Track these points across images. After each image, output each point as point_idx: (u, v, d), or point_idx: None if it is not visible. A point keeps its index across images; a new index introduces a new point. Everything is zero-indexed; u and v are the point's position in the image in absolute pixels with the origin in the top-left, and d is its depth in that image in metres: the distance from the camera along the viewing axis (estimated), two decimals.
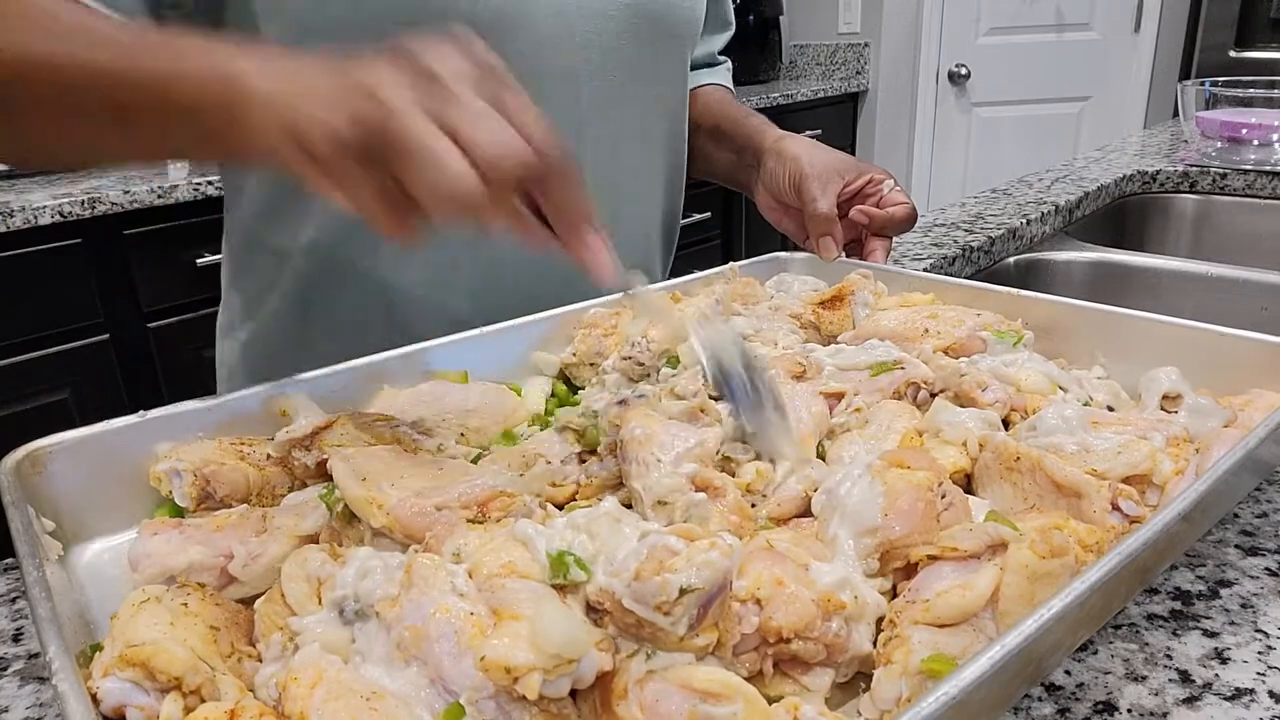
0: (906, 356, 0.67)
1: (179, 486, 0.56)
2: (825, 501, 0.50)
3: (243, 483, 0.58)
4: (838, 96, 3.40)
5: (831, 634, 0.42)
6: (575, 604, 0.41)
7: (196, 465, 0.57)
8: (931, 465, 0.50)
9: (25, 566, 0.45)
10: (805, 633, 0.42)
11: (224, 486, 0.57)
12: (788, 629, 0.41)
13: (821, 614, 0.42)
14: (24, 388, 1.76)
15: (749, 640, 0.42)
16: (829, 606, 0.43)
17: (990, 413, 0.61)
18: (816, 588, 0.43)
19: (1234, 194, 1.56)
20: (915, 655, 0.41)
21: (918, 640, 0.42)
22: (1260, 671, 0.47)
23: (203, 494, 0.57)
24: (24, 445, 0.56)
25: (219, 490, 0.57)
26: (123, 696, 0.39)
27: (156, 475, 0.58)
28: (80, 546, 0.57)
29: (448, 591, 0.41)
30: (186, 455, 0.58)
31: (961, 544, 0.45)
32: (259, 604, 0.47)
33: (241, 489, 0.58)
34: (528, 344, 0.76)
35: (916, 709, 0.34)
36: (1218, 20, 2.98)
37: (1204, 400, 0.61)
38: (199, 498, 0.57)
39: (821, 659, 0.43)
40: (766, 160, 0.96)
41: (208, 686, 0.40)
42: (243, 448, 0.60)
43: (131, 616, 0.42)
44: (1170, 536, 0.45)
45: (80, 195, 1.75)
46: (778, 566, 0.44)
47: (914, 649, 0.41)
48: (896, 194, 0.91)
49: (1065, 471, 0.51)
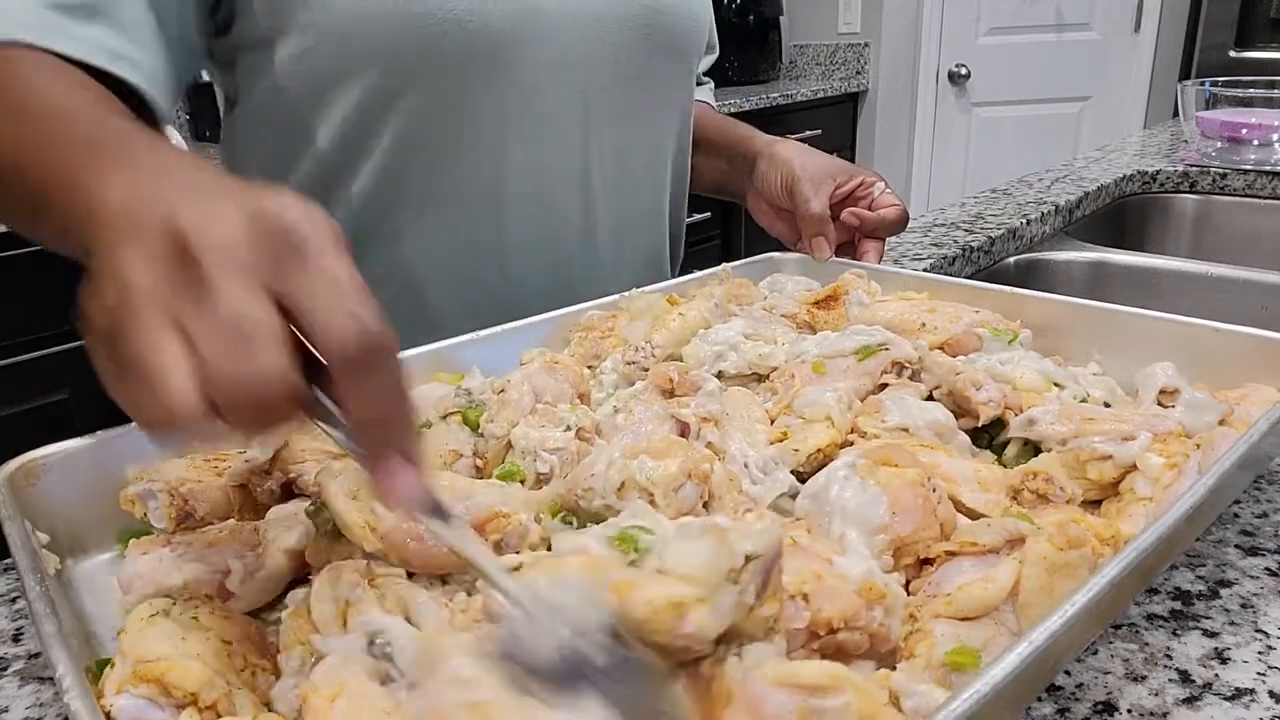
0: (892, 337, 0.67)
1: (154, 509, 0.54)
2: (812, 506, 0.50)
3: (223, 500, 0.55)
4: (838, 96, 3.40)
5: (876, 623, 0.42)
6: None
7: (171, 485, 0.54)
8: (915, 461, 0.51)
9: (27, 582, 0.44)
10: (853, 622, 0.42)
11: (204, 505, 0.54)
12: (837, 618, 0.41)
13: (865, 603, 0.42)
14: (24, 388, 1.76)
15: (798, 636, 0.41)
16: (870, 595, 0.43)
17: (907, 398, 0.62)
18: (851, 579, 0.43)
19: (1234, 194, 1.55)
20: (939, 648, 0.41)
21: (940, 633, 0.42)
22: (1260, 671, 0.47)
23: (182, 514, 0.54)
24: (18, 457, 0.55)
25: (199, 509, 0.54)
26: (138, 713, 0.38)
27: (129, 498, 0.54)
28: (76, 560, 0.57)
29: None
30: (158, 475, 0.55)
31: (980, 539, 0.46)
32: (285, 615, 0.45)
33: (222, 506, 0.55)
34: (524, 347, 0.76)
35: (951, 708, 0.34)
36: (1218, 20, 2.98)
37: (1200, 395, 0.61)
38: (178, 518, 0.54)
39: (864, 650, 0.43)
40: (759, 164, 0.97)
41: (223, 702, 0.39)
42: (217, 463, 0.57)
43: (140, 632, 0.41)
44: (1174, 534, 0.45)
45: None
46: (812, 561, 0.44)
47: (937, 641, 0.42)
48: (887, 196, 0.92)
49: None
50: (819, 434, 0.59)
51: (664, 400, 0.61)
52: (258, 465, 0.56)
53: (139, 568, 0.49)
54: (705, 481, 0.52)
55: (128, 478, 0.56)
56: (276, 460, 0.57)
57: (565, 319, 0.79)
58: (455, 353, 0.72)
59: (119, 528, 0.57)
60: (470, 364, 0.70)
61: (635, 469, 0.51)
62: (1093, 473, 0.55)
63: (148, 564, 0.49)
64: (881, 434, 0.59)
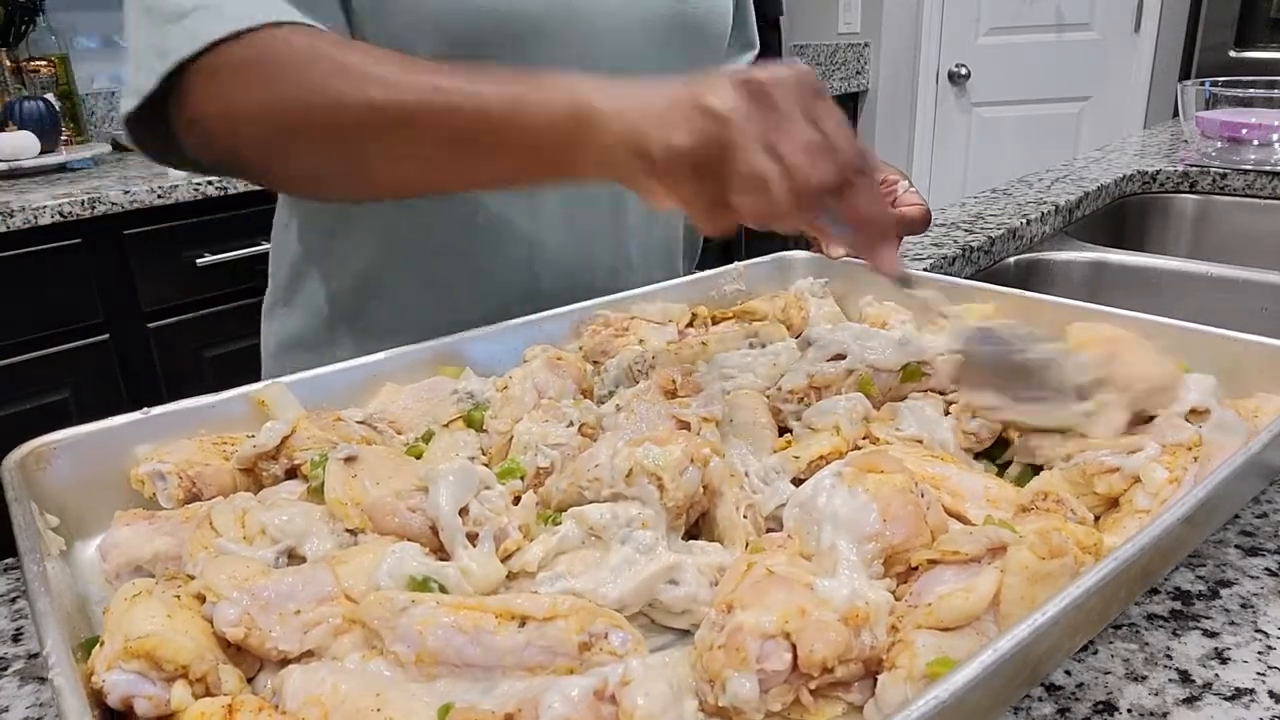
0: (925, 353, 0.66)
1: (164, 489, 0.55)
2: (800, 515, 0.50)
3: (229, 483, 0.57)
4: (838, 96, 3.40)
5: (867, 649, 0.42)
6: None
7: (180, 466, 0.56)
8: (901, 467, 0.50)
9: (25, 562, 0.45)
10: (845, 656, 0.41)
11: (210, 487, 0.56)
12: (830, 658, 0.40)
13: (853, 631, 0.42)
14: (24, 388, 1.76)
15: (777, 676, 0.41)
16: (856, 621, 0.42)
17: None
18: (834, 605, 0.42)
19: (1234, 194, 1.55)
20: (920, 659, 0.41)
21: (922, 644, 0.41)
22: (1260, 671, 0.47)
23: (189, 495, 0.56)
24: (28, 442, 0.56)
25: (205, 491, 0.56)
26: (129, 688, 0.39)
27: (139, 477, 0.56)
28: (83, 543, 0.57)
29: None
30: (169, 456, 0.56)
31: (962, 547, 0.45)
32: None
33: (229, 489, 0.57)
34: (537, 341, 0.76)
35: (907, 713, 0.34)
36: (1218, 20, 2.98)
37: (1229, 415, 0.59)
38: (185, 499, 0.56)
39: (859, 677, 0.42)
40: None
41: (211, 675, 0.40)
42: (225, 446, 0.59)
43: (126, 611, 0.42)
44: (1173, 540, 0.45)
45: (80, 195, 1.75)
46: (794, 594, 0.42)
47: (919, 653, 0.41)
48: (911, 195, 0.91)
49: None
50: (822, 442, 0.59)
51: (666, 401, 0.61)
52: (265, 449, 0.58)
53: (117, 538, 0.51)
54: (704, 466, 0.52)
55: (138, 457, 0.57)
56: (283, 446, 0.58)
57: (578, 314, 0.79)
58: (466, 347, 0.73)
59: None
60: (485, 357, 0.71)
61: (641, 455, 0.51)
62: (1101, 486, 0.54)
63: (125, 535, 0.51)
64: (895, 442, 0.59)
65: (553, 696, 0.37)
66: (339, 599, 0.44)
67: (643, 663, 0.38)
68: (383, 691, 0.39)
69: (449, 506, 0.49)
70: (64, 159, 2.06)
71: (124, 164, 2.13)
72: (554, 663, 0.41)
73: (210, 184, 1.89)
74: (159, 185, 1.84)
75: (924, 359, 0.66)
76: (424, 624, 0.41)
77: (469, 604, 0.42)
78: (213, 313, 1.99)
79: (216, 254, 1.93)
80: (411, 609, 0.42)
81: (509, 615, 0.41)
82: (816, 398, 0.64)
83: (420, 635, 0.41)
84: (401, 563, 0.45)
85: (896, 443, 0.59)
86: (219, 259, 1.93)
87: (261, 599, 0.43)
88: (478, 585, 0.46)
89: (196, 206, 1.91)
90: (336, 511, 0.51)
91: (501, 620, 0.41)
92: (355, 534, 0.50)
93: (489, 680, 0.40)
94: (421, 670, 0.41)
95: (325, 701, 0.39)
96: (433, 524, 0.50)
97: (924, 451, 0.58)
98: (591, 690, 0.37)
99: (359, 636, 0.43)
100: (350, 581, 0.45)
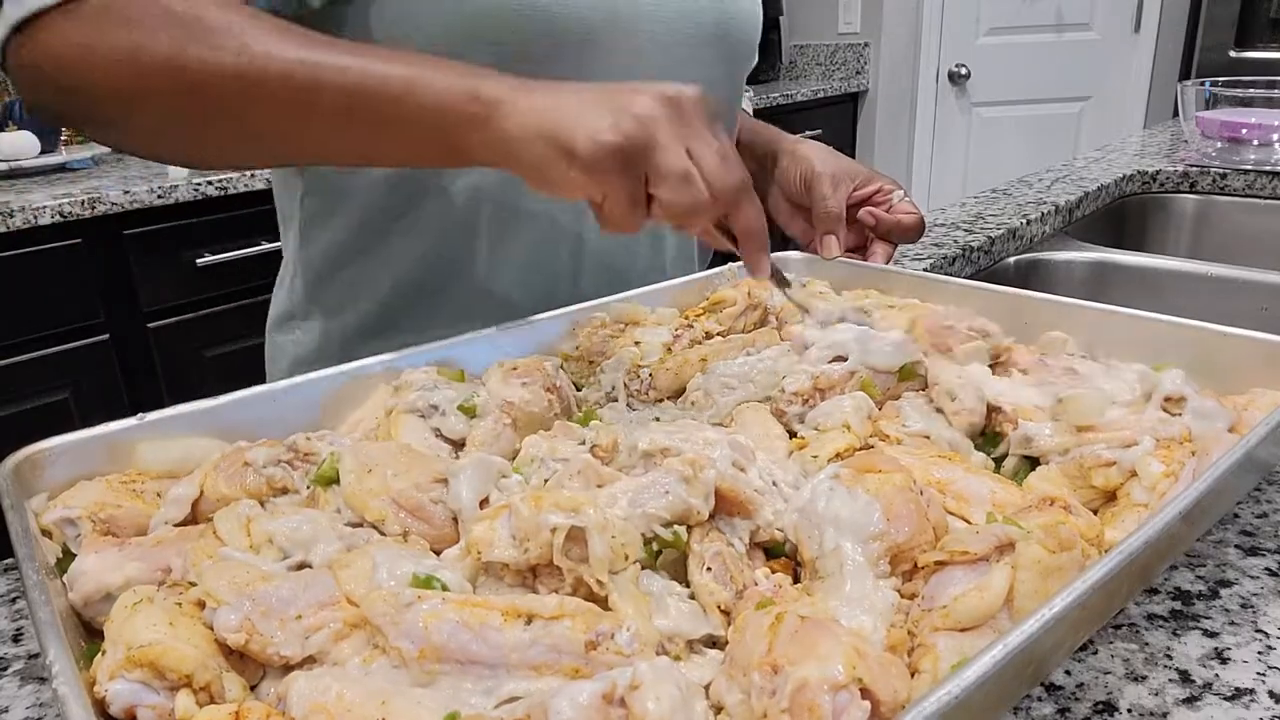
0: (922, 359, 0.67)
1: (74, 535, 0.52)
2: (799, 520, 0.49)
3: (146, 525, 0.53)
4: (838, 96, 3.40)
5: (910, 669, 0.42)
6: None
7: (90, 510, 0.52)
8: (899, 466, 0.50)
9: (25, 570, 0.45)
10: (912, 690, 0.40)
11: (127, 530, 0.52)
12: (905, 694, 0.38)
13: (903, 657, 0.42)
14: (24, 388, 1.77)
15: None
16: (901, 647, 0.42)
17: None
18: (872, 639, 0.42)
19: (1234, 194, 1.56)
20: (944, 661, 0.41)
21: (943, 646, 0.41)
22: (1260, 671, 0.47)
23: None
24: (23, 448, 0.56)
25: (122, 535, 0.52)
26: (132, 697, 0.39)
27: (45, 527, 0.52)
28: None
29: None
30: (75, 500, 0.53)
31: (970, 546, 0.45)
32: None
33: (145, 530, 0.53)
34: (536, 342, 0.76)
35: (920, 708, 0.34)
36: (1218, 20, 2.98)
37: (1208, 402, 0.60)
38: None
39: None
40: (781, 160, 0.99)
41: (215, 684, 0.40)
42: (133, 484, 0.55)
43: (128, 619, 0.42)
44: (1170, 536, 0.45)
45: (80, 195, 1.75)
46: (841, 637, 0.39)
47: (941, 655, 0.41)
48: (906, 204, 0.93)
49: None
50: (837, 439, 0.58)
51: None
52: (177, 522, 0.54)
53: (85, 565, 0.49)
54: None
55: (37, 505, 0.54)
56: (195, 513, 0.55)
57: (577, 315, 0.79)
58: (464, 350, 0.72)
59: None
60: (485, 359, 0.70)
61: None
62: (1098, 480, 0.54)
63: (93, 563, 0.49)
64: (904, 439, 0.59)
65: (561, 701, 0.36)
66: (340, 603, 0.44)
67: (651, 666, 0.38)
68: (388, 699, 0.39)
69: (470, 497, 0.50)
70: (64, 159, 2.06)
71: (124, 164, 2.13)
72: (560, 661, 0.40)
73: (210, 184, 1.90)
74: (159, 185, 1.84)
75: (919, 359, 0.67)
76: (429, 619, 0.41)
77: (475, 600, 0.42)
78: (213, 313, 1.99)
79: (216, 254, 1.93)
80: (417, 604, 0.41)
81: (515, 613, 0.41)
82: (820, 399, 0.64)
83: (425, 631, 0.40)
84: (402, 562, 0.45)
85: (905, 439, 0.59)
86: (219, 259, 1.93)
87: (262, 604, 0.43)
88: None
89: (196, 206, 1.91)
90: (355, 505, 0.51)
91: (508, 617, 0.41)
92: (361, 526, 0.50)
93: (494, 679, 0.40)
94: (424, 667, 0.40)
95: (330, 709, 0.38)
96: (455, 515, 0.50)
97: (932, 451, 0.58)
98: (600, 694, 0.37)
99: (360, 641, 0.43)
100: (351, 585, 0.44)
